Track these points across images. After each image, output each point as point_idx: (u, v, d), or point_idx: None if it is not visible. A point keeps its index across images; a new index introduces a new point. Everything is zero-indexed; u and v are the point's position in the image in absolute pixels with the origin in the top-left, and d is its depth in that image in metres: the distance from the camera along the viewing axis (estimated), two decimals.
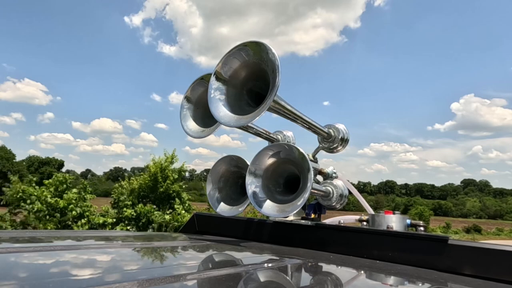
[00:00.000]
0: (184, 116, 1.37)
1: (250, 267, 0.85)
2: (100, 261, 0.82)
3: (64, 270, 0.69)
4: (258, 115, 1.05)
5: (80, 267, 0.72)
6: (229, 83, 1.18)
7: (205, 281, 0.68)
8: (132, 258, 0.91)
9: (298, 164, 1.19)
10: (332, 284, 0.81)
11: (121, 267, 0.77)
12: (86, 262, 0.79)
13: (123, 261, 0.85)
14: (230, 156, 1.47)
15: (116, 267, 0.77)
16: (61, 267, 0.72)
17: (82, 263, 0.77)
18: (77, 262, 0.77)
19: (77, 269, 0.70)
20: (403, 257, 1.08)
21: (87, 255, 0.86)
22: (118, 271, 0.72)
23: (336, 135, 1.48)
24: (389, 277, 0.93)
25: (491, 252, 0.99)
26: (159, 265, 0.85)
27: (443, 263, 1.01)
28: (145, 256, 0.95)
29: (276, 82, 1.01)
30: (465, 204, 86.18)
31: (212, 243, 1.26)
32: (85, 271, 0.68)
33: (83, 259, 0.81)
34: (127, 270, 0.73)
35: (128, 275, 0.66)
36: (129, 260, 0.88)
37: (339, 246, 1.21)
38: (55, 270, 0.70)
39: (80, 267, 0.73)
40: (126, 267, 0.76)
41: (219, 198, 1.46)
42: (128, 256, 0.92)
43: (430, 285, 0.82)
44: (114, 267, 0.77)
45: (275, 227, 1.40)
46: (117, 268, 0.75)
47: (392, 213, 1.37)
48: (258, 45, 1.09)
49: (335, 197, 1.41)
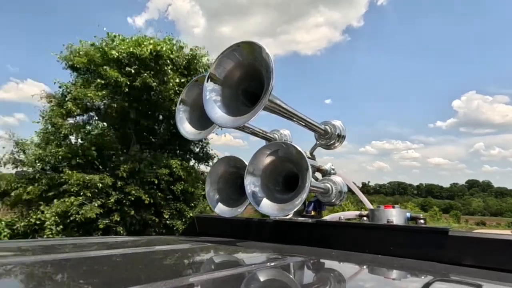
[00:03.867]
0: (181, 119, 1.37)
1: (253, 267, 0.85)
2: (101, 267, 0.82)
3: (65, 278, 0.69)
4: (254, 115, 1.05)
5: (81, 274, 0.72)
6: (224, 84, 1.17)
7: (209, 283, 0.67)
8: (134, 263, 0.90)
9: (296, 162, 1.20)
10: (335, 280, 0.81)
11: (123, 272, 0.77)
12: (87, 269, 0.78)
13: (125, 266, 0.85)
14: (228, 157, 1.47)
15: (119, 273, 0.77)
16: (61, 276, 0.72)
17: (83, 270, 0.76)
18: (77, 269, 0.77)
19: (78, 276, 0.70)
20: (404, 250, 1.08)
21: (87, 262, 0.86)
22: (121, 277, 0.71)
23: (333, 131, 1.49)
24: (392, 271, 0.93)
25: (491, 241, 0.99)
26: (162, 269, 0.85)
27: (445, 255, 1.02)
28: (148, 261, 0.95)
29: (270, 82, 1.01)
30: (471, 204, 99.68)
31: (213, 244, 1.26)
32: (85, 278, 0.68)
33: (83, 266, 0.81)
34: (129, 275, 0.73)
35: (131, 281, 0.66)
36: (132, 265, 0.87)
37: (340, 242, 1.21)
38: (56, 279, 0.69)
39: (81, 273, 0.72)
40: (128, 273, 0.76)
41: (218, 199, 1.46)
42: (130, 261, 0.92)
43: (433, 277, 0.82)
44: (116, 273, 0.76)
45: (276, 226, 1.40)
46: (119, 274, 0.75)
47: (392, 207, 1.37)
48: (251, 45, 1.09)
49: (334, 194, 1.41)
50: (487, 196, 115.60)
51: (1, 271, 0.70)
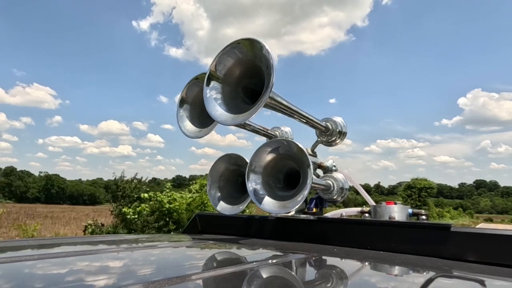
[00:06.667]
0: (181, 117, 1.37)
1: (255, 264, 0.85)
2: (104, 265, 0.82)
3: (70, 276, 0.69)
4: (254, 113, 1.04)
5: (84, 272, 0.72)
6: (224, 81, 1.17)
7: (212, 281, 0.68)
8: (137, 260, 0.91)
9: (297, 159, 1.19)
10: (338, 277, 0.81)
11: (126, 269, 0.77)
12: (91, 266, 0.79)
13: (128, 263, 0.85)
14: (229, 155, 1.47)
15: (122, 270, 0.77)
16: (66, 273, 0.72)
17: (86, 268, 0.77)
18: (81, 267, 0.77)
19: (82, 274, 0.70)
20: (406, 246, 1.08)
21: (90, 260, 0.86)
22: (124, 274, 0.71)
23: (334, 128, 1.48)
24: (394, 267, 0.93)
25: (493, 237, 0.99)
26: (165, 266, 0.85)
27: (447, 250, 1.02)
28: (150, 258, 0.95)
29: (271, 79, 1.01)
30: (479, 203, 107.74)
31: (215, 242, 1.26)
32: (90, 276, 0.68)
33: (86, 264, 0.81)
34: (132, 272, 0.73)
35: (134, 278, 0.66)
36: (134, 262, 0.87)
37: (342, 239, 1.21)
38: (58, 277, 0.70)
39: (84, 271, 0.73)
40: (131, 270, 0.76)
41: (220, 197, 1.46)
42: (133, 259, 0.92)
43: (435, 273, 0.82)
44: (119, 270, 0.76)
45: (278, 223, 1.41)
46: (122, 271, 0.75)
47: (393, 203, 1.37)
48: (251, 42, 1.09)
49: (336, 190, 1.41)
50: (494, 195, 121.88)
51: (2, 271, 0.70)
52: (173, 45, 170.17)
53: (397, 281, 0.81)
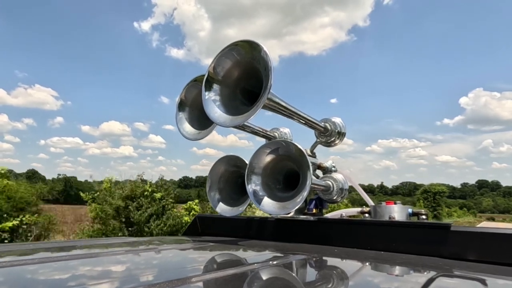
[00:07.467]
0: (180, 119, 1.37)
1: (255, 266, 0.85)
2: (105, 268, 0.82)
3: (71, 279, 0.68)
4: (253, 114, 1.04)
5: (86, 275, 0.72)
6: (223, 83, 1.17)
7: (213, 282, 0.67)
8: (138, 263, 0.90)
9: (296, 160, 1.19)
10: (339, 278, 0.81)
11: (127, 272, 0.77)
12: (92, 269, 0.78)
13: (129, 266, 0.85)
14: (228, 156, 1.47)
15: (123, 272, 0.77)
16: (67, 277, 0.72)
17: (87, 271, 0.76)
18: (82, 270, 0.77)
19: (83, 277, 0.70)
20: (407, 246, 1.08)
21: (91, 263, 0.86)
22: (125, 276, 0.71)
23: (333, 128, 1.48)
24: (395, 267, 0.93)
25: (493, 236, 0.99)
26: (166, 268, 0.85)
27: (447, 250, 1.02)
28: (151, 261, 0.95)
29: (269, 80, 1.01)
30: (482, 203, 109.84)
31: (216, 244, 1.26)
32: (91, 279, 0.68)
33: (87, 267, 0.81)
34: (133, 275, 0.73)
35: (136, 280, 0.66)
36: (135, 265, 0.87)
37: (342, 240, 1.21)
38: (60, 280, 0.69)
39: (85, 274, 0.72)
40: (132, 272, 0.76)
41: (219, 199, 1.46)
42: (134, 261, 0.92)
43: (436, 272, 0.82)
44: (120, 273, 0.76)
45: (278, 224, 1.40)
46: (124, 274, 0.75)
47: (393, 203, 1.37)
48: (249, 43, 1.09)
49: (336, 191, 1.41)
50: (496, 195, 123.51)
51: (6, 274, 0.70)
52: (175, 46, 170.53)
53: (398, 281, 0.81)
